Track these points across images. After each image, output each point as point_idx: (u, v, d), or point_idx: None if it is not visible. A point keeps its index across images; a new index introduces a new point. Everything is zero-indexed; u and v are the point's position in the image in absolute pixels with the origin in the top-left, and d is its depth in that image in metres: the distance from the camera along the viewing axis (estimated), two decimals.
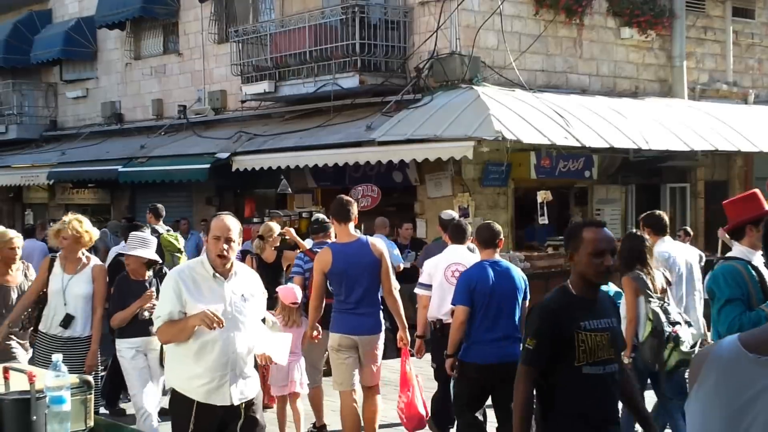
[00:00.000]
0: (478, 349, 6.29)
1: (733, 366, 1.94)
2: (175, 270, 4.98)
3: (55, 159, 20.43)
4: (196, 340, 4.72)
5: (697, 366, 2.02)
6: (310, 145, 14.89)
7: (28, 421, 3.37)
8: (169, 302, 4.76)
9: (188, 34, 19.51)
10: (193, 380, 4.73)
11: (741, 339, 1.97)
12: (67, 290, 6.92)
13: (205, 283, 4.79)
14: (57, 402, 3.37)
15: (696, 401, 1.99)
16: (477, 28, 14.51)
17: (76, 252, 7.01)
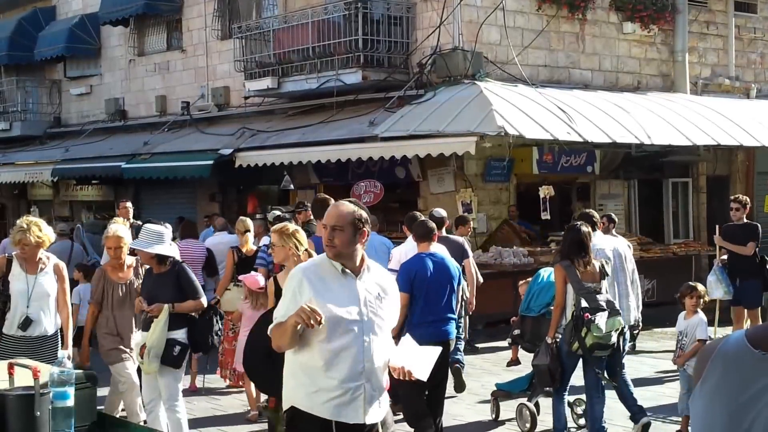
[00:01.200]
0: (418, 330, 6.69)
1: (738, 362, 1.94)
2: (300, 266, 4.37)
3: (59, 156, 20.45)
4: (326, 346, 4.04)
5: (703, 361, 2.02)
6: (313, 141, 14.91)
7: (33, 416, 3.37)
8: (287, 302, 4.13)
9: (191, 31, 19.52)
10: (321, 394, 4.06)
11: (747, 335, 1.98)
12: (34, 290, 6.97)
13: (334, 281, 4.15)
14: (61, 397, 3.36)
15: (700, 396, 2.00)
16: (480, 23, 14.51)
17: (37, 254, 7.07)
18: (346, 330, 4.06)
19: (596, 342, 7.12)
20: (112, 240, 7.45)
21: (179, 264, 7.07)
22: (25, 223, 7.06)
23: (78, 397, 3.51)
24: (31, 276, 6.99)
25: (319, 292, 4.08)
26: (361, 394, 4.06)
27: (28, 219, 7.18)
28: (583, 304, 7.16)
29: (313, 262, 4.46)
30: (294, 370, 4.18)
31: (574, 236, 7.41)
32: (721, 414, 1.93)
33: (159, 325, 6.81)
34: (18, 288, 6.93)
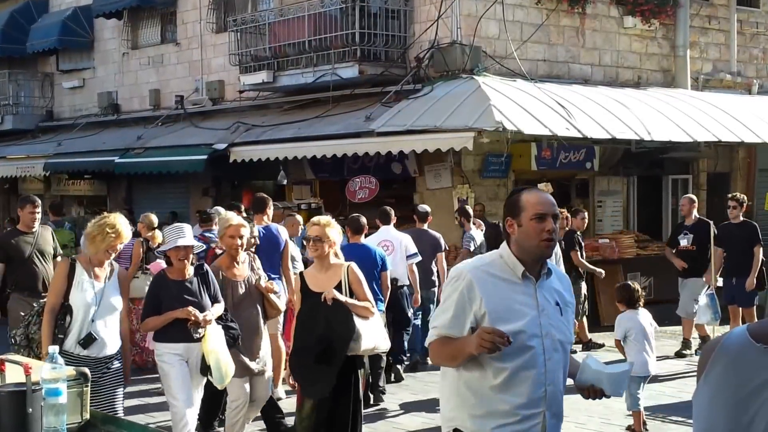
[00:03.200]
0: None
1: (740, 356, 1.97)
2: (467, 265, 3.66)
3: (51, 150, 20.30)
4: (500, 365, 3.45)
5: (706, 356, 2.04)
6: (309, 136, 14.79)
7: (24, 413, 3.35)
8: (453, 311, 3.50)
9: (186, 24, 19.36)
10: (491, 419, 3.48)
11: (750, 330, 2.00)
12: (102, 303, 5.86)
13: (510, 286, 3.52)
14: (53, 394, 3.35)
15: (703, 389, 2.01)
16: (478, 17, 14.40)
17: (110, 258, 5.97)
18: (525, 347, 3.45)
19: None
20: (234, 229, 6.61)
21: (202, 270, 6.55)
22: (114, 221, 5.86)
23: (70, 395, 3.54)
24: (99, 284, 5.87)
25: (491, 300, 3.45)
26: (539, 424, 3.47)
27: (113, 216, 5.97)
28: None
29: (482, 260, 3.69)
30: (458, 387, 3.55)
31: (497, 232, 8.43)
32: (723, 407, 1.96)
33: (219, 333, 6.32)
34: (83, 299, 5.80)
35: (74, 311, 5.76)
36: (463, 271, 3.57)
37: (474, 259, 3.79)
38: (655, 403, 8.81)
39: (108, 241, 5.76)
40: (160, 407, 9.29)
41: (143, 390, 10.18)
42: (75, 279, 5.80)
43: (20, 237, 9.03)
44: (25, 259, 8.92)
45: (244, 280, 6.69)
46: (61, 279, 5.85)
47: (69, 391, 3.51)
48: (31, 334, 5.91)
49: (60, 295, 5.80)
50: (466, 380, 3.53)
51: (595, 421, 8.36)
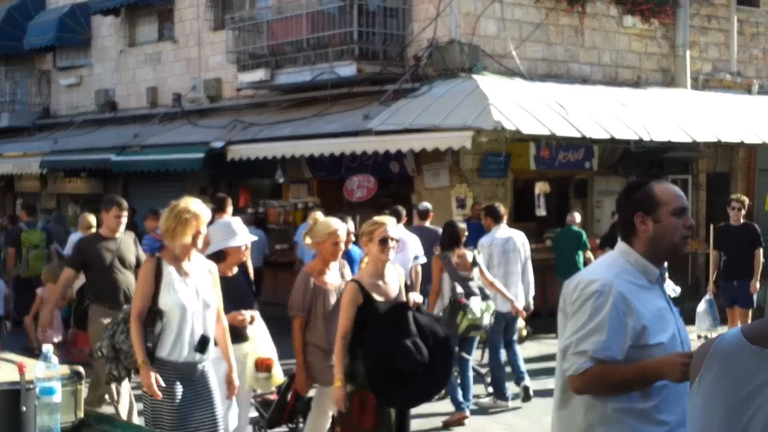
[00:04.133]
0: None
1: (735, 358, 1.94)
2: (605, 275, 3.16)
3: (48, 147, 20.25)
4: (663, 383, 3.06)
5: (700, 358, 2.01)
6: (307, 135, 14.75)
7: (18, 412, 3.33)
8: (606, 329, 3.03)
9: (184, 21, 19.30)
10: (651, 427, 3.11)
11: (744, 331, 1.97)
12: (198, 302, 5.30)
13: (650, 295, 3.18)
14: (47, 393, 3.31)
15: (698, 393, 1.99)
16: (477, 15, 14.36)
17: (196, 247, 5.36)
18: None
19: (471, 323, 8.16)
20: (337, 234, 6.05)
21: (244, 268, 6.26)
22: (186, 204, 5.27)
23: (64, 393, 3.51)
24: (190, 281, 5.26)
25: (646, 312, 3.07)
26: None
27: (182, 200, 5.34)
28: (459, 290, 8.21)
29: (612, 267, 3.22)
30: (606, 414, 3.11)
31: (452, 231, 8.54)
32: (719, 410, 1.93)
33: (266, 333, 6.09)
34: (177, 300, 5.16)
35: (166, 315, 5.14)
36: (605, 282, 3.11)
37: (602, 267, 3.29)
38: None
39: (191, 227, 5.15)
40: None
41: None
42: (163, 280, 5.17)
43: (102, 243, 7.94)
44: (106, 268, 7.84)
45: (336, 288, 6.10)
46: (148, 281, 5.19)
47: (63, 389, 3.48)
48: (118, 344, 5.28)
49: (147, 298, 5.17)
50: (617, 407, 3.10)
51: None
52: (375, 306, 5.53)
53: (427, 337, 5.45)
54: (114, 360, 5.30)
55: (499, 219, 9.52)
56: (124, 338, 5.25)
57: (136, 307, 5.20)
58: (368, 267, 5.73)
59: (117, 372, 5.31)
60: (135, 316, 5.17)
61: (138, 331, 5.13)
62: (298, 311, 6.04)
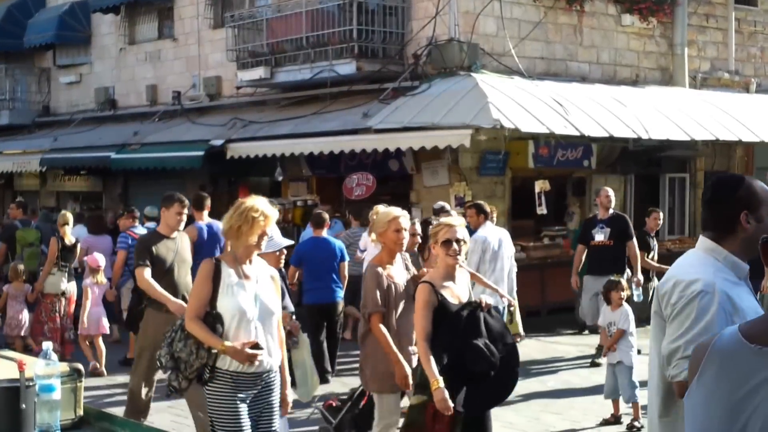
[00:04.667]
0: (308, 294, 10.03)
1: (734, 357, 1.94)
2: (706, 275, 3.07)
3: (48, 145, 20.27)
4: None
5: (698, 357, 2.01)
6: (306, 133, 14.76)
7: (18, 409, 3.33)
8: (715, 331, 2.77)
9: (183, 19, 19.32)
10: None
11: (741, 330, 1.97)
12: (259, 307, 4.84)
13: (745, 293, 3.11)
14: (47, 390, 3.33)
15: (697, 391, 1.99)
16: (476, 14, 14.38)
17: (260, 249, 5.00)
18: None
19: None
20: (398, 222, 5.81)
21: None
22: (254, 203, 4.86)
23: (64, 391, 3.52)
24: (250, 284, 4.86)
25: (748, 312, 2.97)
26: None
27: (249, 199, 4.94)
28: None
29: (713, 265, 3.10)
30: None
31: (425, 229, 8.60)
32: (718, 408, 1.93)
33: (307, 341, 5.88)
34: (236, 305, 4.78)
35: (226, 320, 4.75)
36: (708, 281, 3.00)
37: (696, 265, 3.15)
38: None
39: (258, 227, 4.78)
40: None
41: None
42: (222, 282, 4.80)
43: (162, 242, 7.40)
44: (167, 269, 7.33)
45: (403, 282, 5.84)
46: (205, 283, 4.82)
47: (63, 387, 3.49)
48: (177, 352, 4.87)
49: (204, 301, 4.80)
50: None
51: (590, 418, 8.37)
52: (448, 308, 5.29)
53: (496, 341, 5.24)
54: (174, 370, 4.92)
55: (488, 216, 9.89)
56: (182, 346, 4.86)
57: (192, 309, 4.86)
58: (438, 269, 5.49)
59: (177, 383, 4.92)
60: (191, 318, 4.81)
61: (201, 326, 4.76)
62: (375, 307, 5.73)
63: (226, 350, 4.68)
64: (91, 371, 10.03)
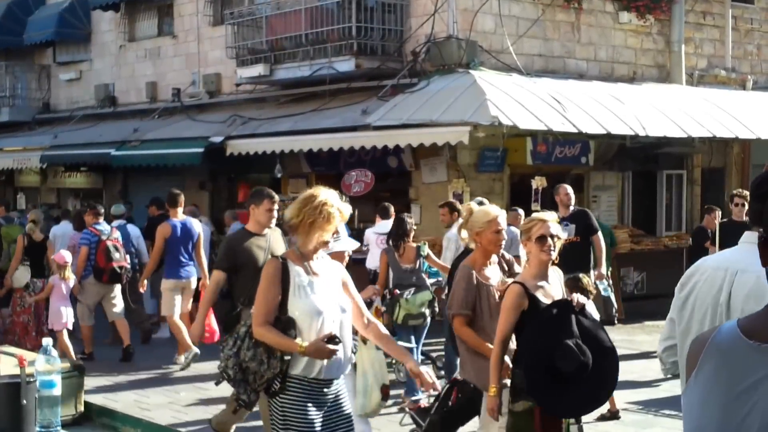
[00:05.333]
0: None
1: (732, 353, 1.90)
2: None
3: (48, 142, 20.30)
4: None
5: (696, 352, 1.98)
6: (305, 130, 14.81)
7: (18, 405, 3.34)
8: None
9: (183, 16, 19.36)
10: None
11: (740, 325, 1.93)
12: (332, 307, 4.45)
13: None
14: (47, 386, 3.34)
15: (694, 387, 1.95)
16: (474, 11, 14.43)
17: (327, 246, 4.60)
18: None
19: (407, 313, 8.69)
20: (497, 222, 5.53)
21: None
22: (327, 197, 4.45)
23: (65, 387, 3.51)
24: (320, 282, 4.46)
25: None
26: None
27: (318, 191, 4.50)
28: (396, 283, 8.78)
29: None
30: None
31: (400, 225, 9.08)
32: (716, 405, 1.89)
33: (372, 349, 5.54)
34: (310, 306, 4.38)
35: (298, 324, 4.34)
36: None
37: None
38: (648, 397, 8.88)
39: (333, 223, 4.40)
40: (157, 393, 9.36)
41: (135, 380, 10.24)
42: (292, 283, 4.38)
43: (252, 240, 7.03)
44: (259, 269, 6.64)
45: (498, 284, 5.53)
46: (273, 285, 4.40)
47: (63, 383, 3.48)
48: (246, 361, 4.44)
49: (273, 305, 4.39)
50: None
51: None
52: (540, 310, 5.03)
53: (590, 342, 4.89)
54: (242, 382, 4.48)
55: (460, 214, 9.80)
56: (251, 355, 4.42)
57: (261, 314, 4.39)
58: (530, 268, 5.20)
59: (246, 396, 4.51)
60: (261, 324, 4.37)
61: (274, 331, 4.33)
62: (460, 309, 5.49)
63: (307, 351, 4.26)
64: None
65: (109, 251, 10.97)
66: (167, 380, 10.19)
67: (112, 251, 10.99)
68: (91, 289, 11.11)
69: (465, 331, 5.50)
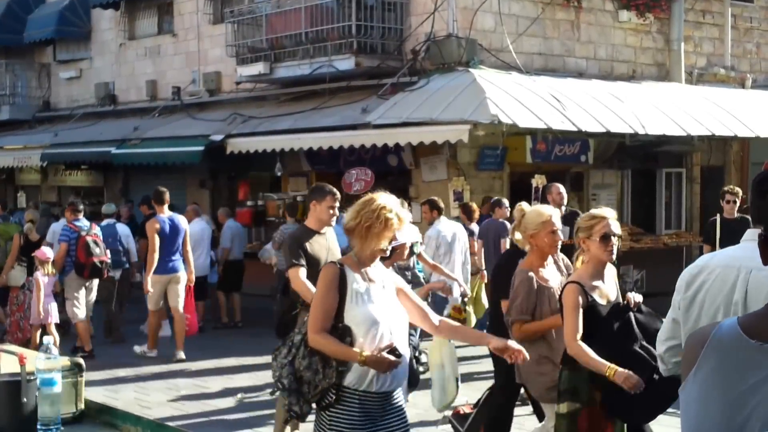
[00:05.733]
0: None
1: (734, 352, 1.90)
2: None
3: (48, 140, 20.31)
4: None
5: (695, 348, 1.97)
6: (305, 128, 14.84)
7: (19, 403, 3.35)
8: None
9: (183, 15, 19.38)
10: None
11: (741, 324, 1.93)
12: (389, 316, 4.25)
13: None
14: (48, 384, 3.34)
15: (694, 384, 1.95)
16: (474, 10, 14.45)
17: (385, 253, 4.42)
18: None
19: None
20: (552, 223, 5.39)
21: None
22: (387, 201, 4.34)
23: (65, 385, 3.52)
24: (377, 290, 4.28)
25: None
26: None
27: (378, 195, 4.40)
28: None
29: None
30: None
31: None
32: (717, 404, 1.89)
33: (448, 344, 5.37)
34: (367, 314, 4.19)
35: (354, 333, 4.16)
36: None
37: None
38: None
39: (391, 229, 4.25)
40: (158, 389, 9.39)
41: (139, 375, 10.27)
42: (349, 290, 4.20)
43: (315, 238, 6.67)
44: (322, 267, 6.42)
45: (558, 286, 5.30)
46: (331, 291, 4.21)
47: (64, 381, 3.50)
48: (300, 370, 4.24)
49: (331, 312, 4.20)
50: None
51: None
52: (598, 311, 4.83)
53: (650, 337, 4.61)
54: (295, 393, 4.26)
55: (441, 212, 10.31)
56: (306, 364, 4.22)
57: (318, 321, 4.20)
58: (587, 267, 4.97)
59: (299, 407, 4.28)
60: (318, 332, 4.18)
61: (331, 339, 4.15)
62: (520, 314, 5.29)
63: (367, 361, 4.06)
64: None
65: (88, 246, 11.19)
66: (168, 378, 10.22)
67: (92, 246, 11.25)
68: (73, 284, 11.34)
69: (529, 339, 5.25)
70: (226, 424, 8.25)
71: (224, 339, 12.74)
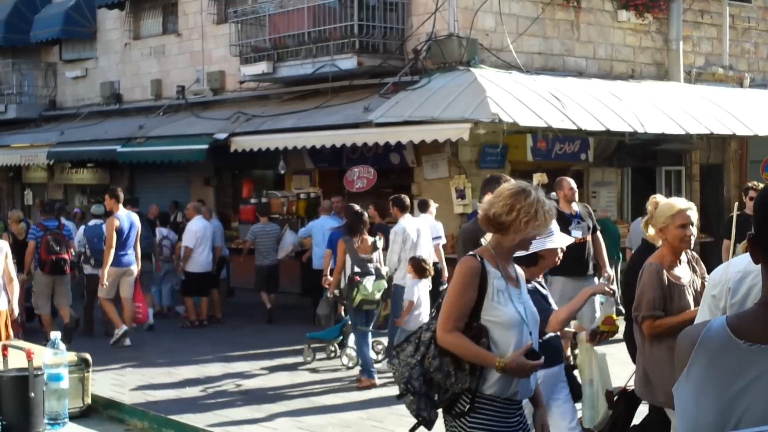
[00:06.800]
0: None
1: (724, 353, 1.90)
2: None
3: (55, 139, 20.43)
4: None
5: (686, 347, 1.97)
6: (308, 127, 14.94)
7: (27, 397, 3.37)
8: None
9: (187, 15, 19.50)
10: None
11: (730, 325, 1.92)
12: (531, 317, 3.95)
13: None
14: (55, 379, 3.38)
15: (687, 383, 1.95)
16: (475, 10, 14.54)
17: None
18: None
19: (363, 298, 9.51)
20: (684, 216, 5.00)
21: None
22: (539, 193, 3.96)
23: (72, 379, 3.55)
24: (515, 290, 3.94)
25: None
26: None
27: (534, 187, 4.03)
28: (356, 269, 9.59)
29: None
30: None
31: (356, 218, 9.87)
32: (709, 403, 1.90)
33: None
34: (510, 315, 3.85)
35: (493, 334, 3.81)
36: None
37: None
38: None
39: (545, 226, 3.94)
40: (163, 387, 9.55)
41: (143, 372, 10.41)
42: (489, 286, 3.82)
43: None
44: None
45: (690, 283, 4.99)
46: (470, 287, 3.82)
47: (71, 376, 3.52)
48: (430, 372, 3.85)
49: (468, 309, 3.82)
50: None
51: None
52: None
53: None
54: (425, 396, 3.88)
55: (405, 209, 10.57)
56: (437, 365, 3.82)
57: (451, 318, 3.82)
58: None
59: (427, 413, 3.90)
60: (450, 330, 3.80)
61: (465, 339, 3.78)
62: (650, 310, 4.90)
63: (507, 366, 3.71)
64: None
65: (49, 244, 12.06)
66: (174, 372, 10.36)
67: (53, 244, 12.03)
68: (39, 280, 12.30)
69: (659, 336, 4.88)
70: (234, 419, 8.32)
71: (232, 334, 12.87)
